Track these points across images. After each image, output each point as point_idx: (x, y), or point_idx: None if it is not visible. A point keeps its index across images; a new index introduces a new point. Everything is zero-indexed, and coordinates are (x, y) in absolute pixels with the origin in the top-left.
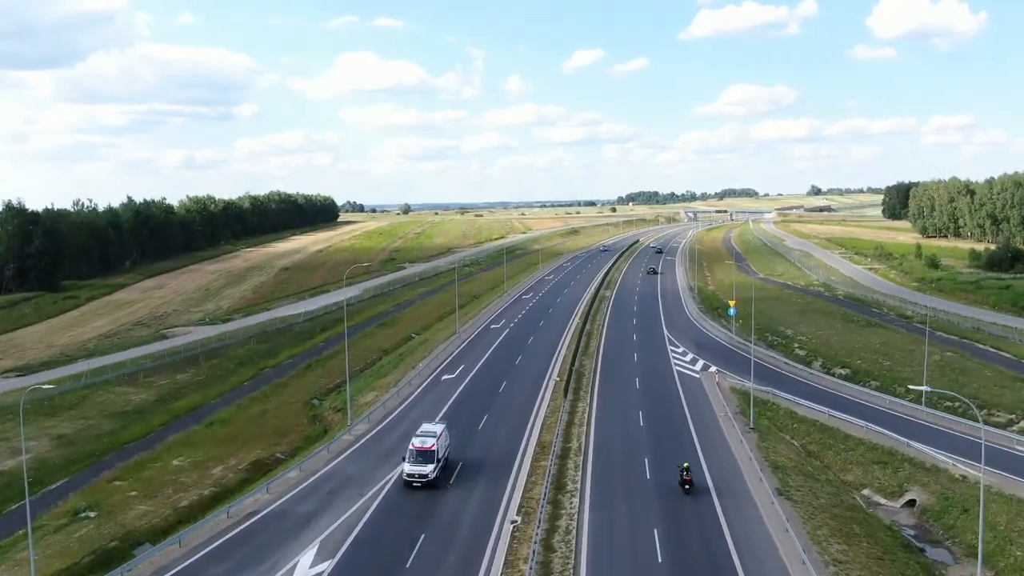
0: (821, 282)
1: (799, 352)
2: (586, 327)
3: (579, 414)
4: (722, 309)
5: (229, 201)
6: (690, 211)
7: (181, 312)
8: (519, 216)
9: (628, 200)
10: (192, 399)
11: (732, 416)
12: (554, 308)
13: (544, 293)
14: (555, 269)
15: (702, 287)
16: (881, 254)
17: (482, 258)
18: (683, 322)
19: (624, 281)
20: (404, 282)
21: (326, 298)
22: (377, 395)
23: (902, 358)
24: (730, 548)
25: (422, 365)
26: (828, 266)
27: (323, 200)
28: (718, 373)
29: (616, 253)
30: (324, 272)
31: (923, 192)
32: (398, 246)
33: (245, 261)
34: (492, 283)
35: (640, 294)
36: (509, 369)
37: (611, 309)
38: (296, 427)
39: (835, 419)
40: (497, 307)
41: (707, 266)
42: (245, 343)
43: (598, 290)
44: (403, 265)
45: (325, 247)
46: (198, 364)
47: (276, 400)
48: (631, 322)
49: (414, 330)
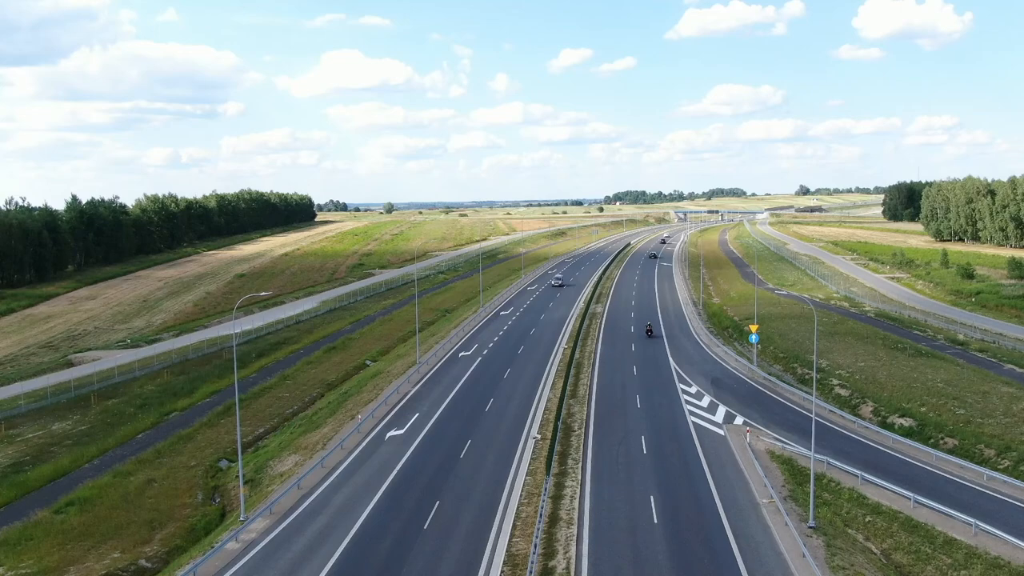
0: (842, 295)
1: (840, 392)
2: (575, 355)
3: (566, 501)
4: (733, 328)
5: (191, 200)
6: (680, 211)
7: (104, 330)
8: (504, 216)
9: (615, 200)
10: (59, 463)
11: (780, 503)
12: (537, 328)
13: (526, 308)
14: (539, 277)
15: (707, 300)
16: (901, 261)
17: (460, 263)
18: (691, 348)
19: (617, 292)
20: (370, 292)
21: (277, 312)
22: (298, 461)
23: (977, 404)
24: None
25: (361, 417)
26: (844, 275)
27: (299, 199)
28: (747, 427)
29: (595, 269)
30: (283, 280)
31: (937, 192)
32: (371, 249)
33: (201, 267)
34: (468, 293)
35: (637, 308)
36: (476, 421)
37: (604, 329)
38: (183, 510)
39: (921, 507)
40: (470, 326)
41: (708, 274)
42: (157, 375)
43: (588, 304)
44: (372, 271)
45: (292, 250)
46: (88, 406)
47: (171, 463)
48: (629, 348)
49: (371, 355)
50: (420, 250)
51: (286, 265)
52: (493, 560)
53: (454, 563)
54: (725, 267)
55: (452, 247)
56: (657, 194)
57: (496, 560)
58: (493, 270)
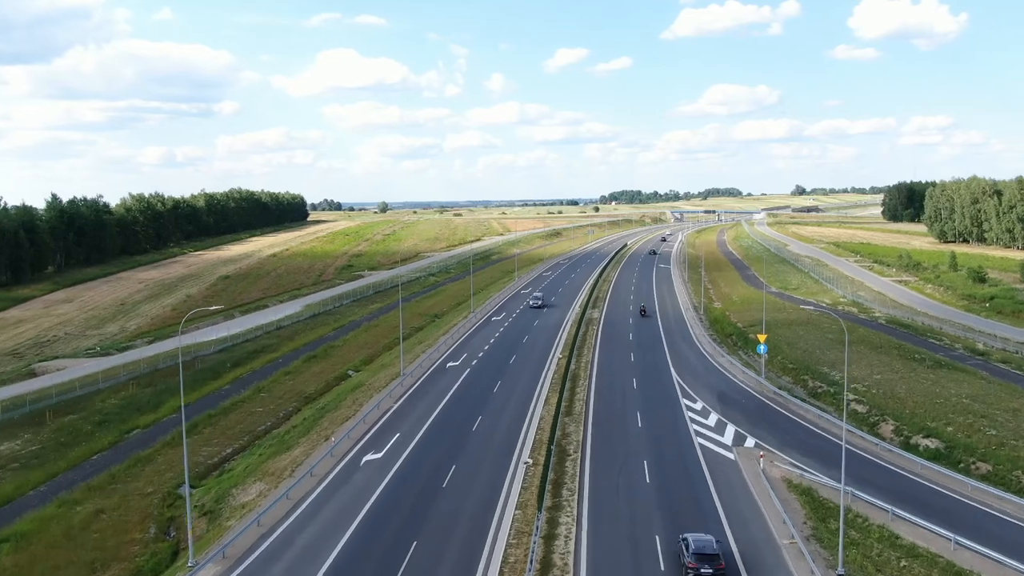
0: (850, 299)
1: (856, 408)
2: (570, 366)
3: (560, 542)
4: (737, 336)
5: (179, 199)
6: (676, 211)
7: (75, 336)
8: (499, 216)
9: (611, 199)
10: (3, 489)
11: (803, 544)
12: (530, 335)
13: (519, 313)
14: (533, 280)
15: (708, 305)
16: (908, 264)
17: (452, 265)
18: (694, 359)
19: (615, 295)
20: (357, 296)
21: (259, 317)
22: (262, 491)
23: (1008, 423)
24: None
25: (335, 440)
26: (849, 278)
27: (291, 198)
28: (760, 451)
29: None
30: (268, 282)
31: (941, 193)
32: (362, 250)
33: (186, 268)
34: (460, 297)
35: (636, 314)
36: (462, 442)
37: (601, 337)
38: (131, 547)
39: (963, 549)
40: (460, 332)
41: (707, 276)
42: (122, 387)
43: (584, 310)
44: (361, 273)
45: (281, 251)
46: (43, 423)
47: (126, 489)
48: (628, 357)
49: (353, 365)
50: (412, 251)
51: (273, 266)
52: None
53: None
54: (725, 269)
55: (445, 248)
56: (653, 194)
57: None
58: (486, 272)
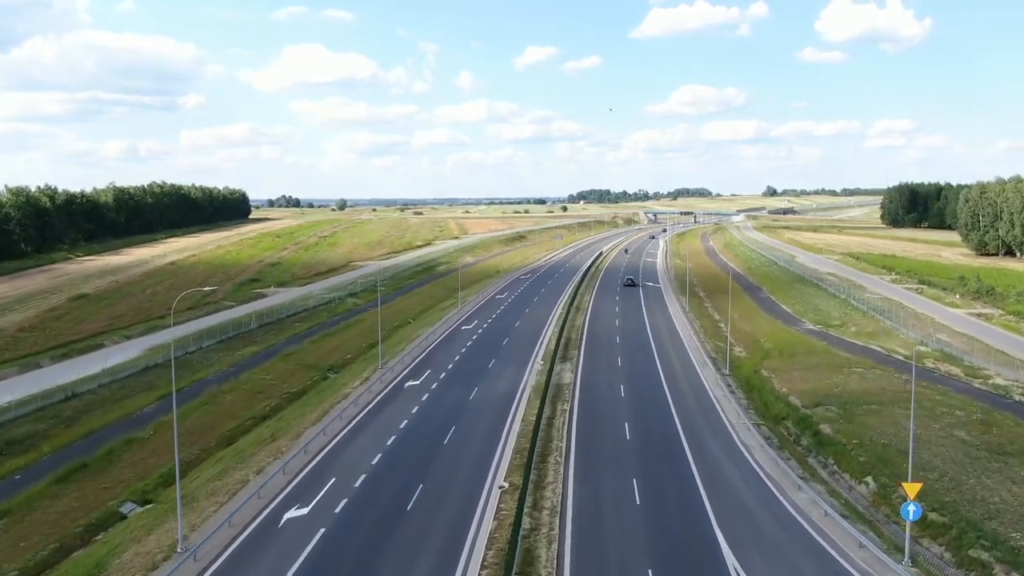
0: (933, 348)
1: None
2: (521, 511)
3: None
4: (796, 424)
5: (74, 194)
6: (649, 212)
7: None
8: (461, 215)
9: (579, 198)
10: None
11: None
12: (464, 418)
13: (449, 373)
14: (483, 306)
15: (735, 360)
16: (976, 288)
17: (385, 279)
18: (745, 489)
19: (593, 342)
20: (229, 331)
21: (76, 366)
22: None
23: None
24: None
25: None
26: (909, 309)
27: (228, 194)
28: None
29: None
30: (133, 303)
31: (980, 196)
32: (281, 258)
33: (51, 279)
34: (373, 335)
35: (629, 376)
36: None
37: (577, 426)
38: None
39: None
40: (338, 425)
41: (710, 302)
42: None
43: (551, 367)
44: (263, 292)
45: (184, 257)
46: None
47: None
48: (631, 499)
49: (137, 491)
50: (344, 258)
51: (160, 279)
52: None
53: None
54: (727, 287)
55: (385, 254)
56: (622, 193)
57: None
58: (424, 290)
